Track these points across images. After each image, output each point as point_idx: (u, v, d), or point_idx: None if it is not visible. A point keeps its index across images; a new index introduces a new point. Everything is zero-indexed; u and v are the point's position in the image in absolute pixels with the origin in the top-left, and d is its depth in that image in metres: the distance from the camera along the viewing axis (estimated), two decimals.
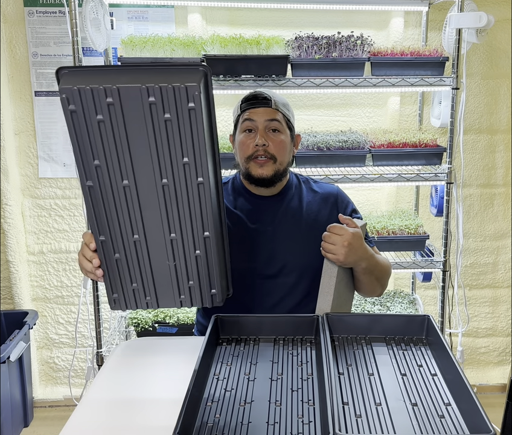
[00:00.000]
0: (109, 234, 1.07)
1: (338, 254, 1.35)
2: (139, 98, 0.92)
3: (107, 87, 0.91)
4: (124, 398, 1.10)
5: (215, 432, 0.90)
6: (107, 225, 1.06)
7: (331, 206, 1.56)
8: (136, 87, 0.91)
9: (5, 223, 2.53)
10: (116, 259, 1.09)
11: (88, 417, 1.04)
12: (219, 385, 1.05)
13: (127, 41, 2.09)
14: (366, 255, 1.41)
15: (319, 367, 1.08)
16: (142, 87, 0.91)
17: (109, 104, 0.93)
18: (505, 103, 2.62)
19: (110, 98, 0.92)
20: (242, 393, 1.02)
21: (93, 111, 0.94)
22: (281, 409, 0.97)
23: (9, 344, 2.23)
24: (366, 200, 2.69)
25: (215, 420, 0.94)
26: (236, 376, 1.09)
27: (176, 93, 0.91)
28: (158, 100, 0.92)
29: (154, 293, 1.14)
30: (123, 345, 1.38)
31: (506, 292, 2.82)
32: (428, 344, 1.20)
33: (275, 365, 1.13)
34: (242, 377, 1.08)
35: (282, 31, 2.47)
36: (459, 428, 0.91)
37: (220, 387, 1.04)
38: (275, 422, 0.93)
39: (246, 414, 0.95)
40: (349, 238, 1.34)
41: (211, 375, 1.09)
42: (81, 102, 0.93)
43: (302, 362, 1.14)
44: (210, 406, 0.98)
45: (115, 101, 0.93)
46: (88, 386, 2.22)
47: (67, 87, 0.93)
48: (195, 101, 0.92)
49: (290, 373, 1.10)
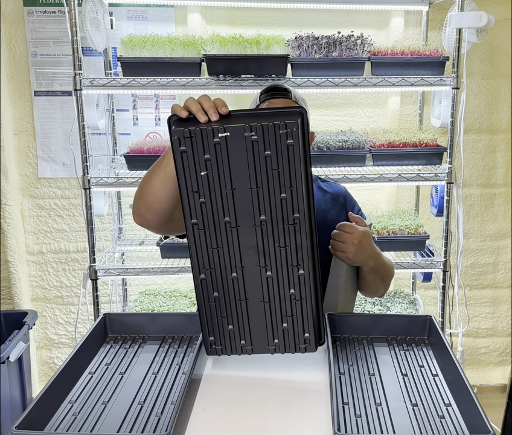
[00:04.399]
0: (209, 273, 1.10)
1: (348, 251, 1.35)
2: (243, 137, 0.99)
3: (214, 128, 0.99)
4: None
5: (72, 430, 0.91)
6: (208, 263, 1.09)
7: (340, 206, 1.56)
8: (240, 127, 0.99)
9: (4, 223, 2.53)
10: (215, 298, 1.11)
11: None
12: (90, 383, 1.06)
13: (126, 41, 2.09)
14: (374, 254, 1.41)
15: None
16: (246, 126, 0.98)
17: (216, 144, 1.00)
18: (505, 102, 2.61)
19: (217, 138, 0.99)
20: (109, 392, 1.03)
21: (201, 151, 1.01)
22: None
23: (8, 344, 2.23)
24: (366, 200, 2.69)
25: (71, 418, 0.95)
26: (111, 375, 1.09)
27: (276, 130, 0.98)
28: (260, 138, 0.99)
29: (249, 337, 1.14)
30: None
31: (507, 292, 2.82)
32: (431, 344, 1.19)
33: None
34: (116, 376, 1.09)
35: (282, 30, 2.47)
36: (458, 429, 0.91)
37: (90, 386, 1.05)
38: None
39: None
40: (359, 237, 1.35)
41: (86, 373, 1.10)
42: (191, 143, 1.00)
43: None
44: (72, 404, 0.99)
45: (221, 141, 1.00)
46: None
47: (179, 130, 1.00)
48: (293, 137, 0.99)
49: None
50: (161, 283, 2.71)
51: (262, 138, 0.99)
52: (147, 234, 2.59)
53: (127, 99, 2.54)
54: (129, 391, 1.03)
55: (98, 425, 0.92)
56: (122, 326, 1.25)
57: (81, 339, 1.13)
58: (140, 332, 1.25)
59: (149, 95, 2.54)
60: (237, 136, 0.99)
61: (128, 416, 0.95)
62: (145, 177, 1.25)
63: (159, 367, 1.12)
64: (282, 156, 1.00)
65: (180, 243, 2.24)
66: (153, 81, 2.06)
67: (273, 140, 0.99)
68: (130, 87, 2.08)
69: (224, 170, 1.02)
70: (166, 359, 1.15)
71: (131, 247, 2.52)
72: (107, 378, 1.08)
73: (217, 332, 1.13)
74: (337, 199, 1.57)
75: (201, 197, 1.04)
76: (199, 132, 0.99)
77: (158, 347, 1.20)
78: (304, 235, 1.06)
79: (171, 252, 2.27)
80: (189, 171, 1.03)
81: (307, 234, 1.06)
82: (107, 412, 0.96)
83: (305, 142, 1.03)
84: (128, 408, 0.97)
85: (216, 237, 1.07)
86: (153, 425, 0.92)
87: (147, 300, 2.51)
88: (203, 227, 1.07)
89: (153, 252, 2.45)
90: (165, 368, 1.11)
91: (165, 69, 2.07)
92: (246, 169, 1.02)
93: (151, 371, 1.10)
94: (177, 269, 2.24)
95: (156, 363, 1.13)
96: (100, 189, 2.21)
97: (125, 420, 0.93)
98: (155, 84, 2.06)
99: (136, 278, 2.68)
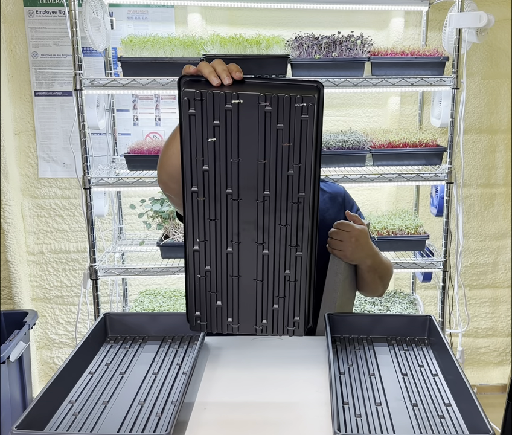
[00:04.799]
0: (204, 244, 1.06)
1: (345, 250, 1.35)
2: (256, 106, 0.95)
3: (228, 93, 0.95)
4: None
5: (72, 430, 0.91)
6: (204, 234, 1.05)
7: (338, 206, 1.56)
8: (255, 95, 0.95)
9: (4, 223, 2.53)
10: (206, 271, 1.07)
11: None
12: (90, 383, 1.06)
13: (126, 41, 2.09)
14: (372, 253, 1.41)
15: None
16: (260, 95, 0.94)
17: (227, 110, 0.96)
18: (505, 102, 2.61)
19: (229, 104, 0.95)
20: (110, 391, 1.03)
21: (211, 116, 0.97)
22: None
23: (9, 344, 2.23)
24: (366, 200, 2.69)
25: (71, 418, 0.95)
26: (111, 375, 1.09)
27: (291, 103, 0.95)
28: (274, 109, 0.95)
29: (237, 315, 1.10)
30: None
31: (507, 292, 2.82)
32: (430, 344, 1.19)
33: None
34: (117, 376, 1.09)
35: (282, 31, 2.47)
36: (458, 428, 0.91)
37: (90, 386, 1.05)
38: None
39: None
40: (356, 235, 1.35)
41: (86, 373, 1.10)
42: (201, 106, 0.96)
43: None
44: (72, 404, 0.99)
45: (233, 108, 0.96)
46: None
47: (189, 91, 0.95)
48: (308, 112, 0.95)
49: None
50: (161, 283, 2.71)
51: (276, 109, 0.95)
52: (147, 234, 2.60)
53: (127, 99, 2.54)
54: (129, 391, 1.03)
55: (98, 425, 0.93)
56: (122, 326, 1.25)
57: (81, 339, 1.13)
58: (141, 332, 1.25)
59: (149, 95, 2.54)
60: (250, 105, 0.95)
61: (128, 416, 0.95)
62: (164, 146, 1.23)
63: (159, 367, 1.12)
64: (295, 131, 0.97)
65: (181, 243, 2.24)
66: (153, 81, 2.06)
67: (287, 113, 0.95)
68: (130, 87, 2.08)
69: (232, 138, 0.98)
70: (166, 359, 1.15)
71: (131, 247, 2.52)
72: (107, 378, 1.08)
73: (204, 307, 1.09)
74: (335, 198, 1.57)
75: (205, 164, 1.00)
76: (211, 96, 0.95)
77: (158, 347, 1.20)
78: (307, 216, 1.02)
79: (171, 252, 2.27)
80: (195, 136, 0.98)
81: (309, 214, 1.03)
82: (107, 412, 0.96)
83: (318, 119, 0.99)
84: (128, 408, 0.97)
85: (215, 208, 1.03)
86: (153, 425, 0.92)
87: (147, 300, 2.52)
88: (203, 196, 1.02)
89: (153, 252, 2.45)
90: (165, 368, 1.11)
91: (165, 69, 2.07)
92: (255, 140, 0.98)
93: (151, 371, 1.10)
94: (177, 269, 2.24)
95: (156, 363, 1.13)
96: (100, 189, 2.21)
97: (125, 420, 0.94)
98: (155, 84, 2.07)
99: (136, 278, 2.68)
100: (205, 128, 0.98)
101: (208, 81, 0.99)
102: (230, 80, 0.98)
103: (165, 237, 2.28)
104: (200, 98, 0.95)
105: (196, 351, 1.10)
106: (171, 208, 2.27)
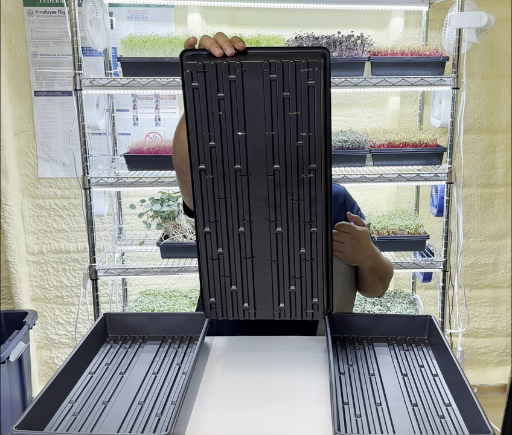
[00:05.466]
0: (215, 225, 1.02)
1: (346, 251, 1.34)
2: (261, 74, 0.92)
3: (231, 63, 0.92)
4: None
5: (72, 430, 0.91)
6: (214, 215, 1.01)
7: (339, 207, 1.56)
8: (259, 63, 0.91)
9: (4, 223, 2.53)
10: (219, 254, 1.04)
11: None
12: (90, 383, 1.06)
13: (126, 41, 2.09)
14: (373, 254, 1.41)
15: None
16: (264, 63, 0.91)
17: (231, 81, 0.93)
18: (505, 102, 2.61)
19: (233, 74, 0.92)
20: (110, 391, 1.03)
21: (215, 88, 0.94)
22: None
23: (8, 344, 2.23)
24: (366, 200, 2.69)
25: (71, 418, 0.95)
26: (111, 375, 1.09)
27: (297, 69, 0.91)
28: (279, 77, 0.92)
29: (253, 299, 1.06)
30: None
31: (507, 292, 2.82)
32: (431, 344, 1.19)
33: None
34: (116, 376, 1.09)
35: (282, 30, 2.47)
36: (458, 429, 0.91)
37: (90, 386, 1.05)
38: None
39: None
40: (358, 236, 1.34)
41: (86, 373, 1.09)
42: (204, 79, 0.93)
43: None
44: (72, 404, 0.99)
45: (237, 78, 0.92)
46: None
47: (192, 63, 0.93)
48: (315, 78, 0.92)
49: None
50: (161, 283, 2.71)
51: (282, 77, 0.92)
52: (147, 234, 2.60)
53: (127, 99, 2.54)
54: (129, 391, 1.03)
55: (98, 425, 0.92)
56: (122, 326, 1.25)
57: (81, 339, 1.13)
58: (140, 332, 1.25)
59: (149, 95, 2.54)
60: (254, 74, 0.92)
61: (128, 416, 0.95)
62: (176, 131, 1.20)
63: (159, 367, 1.12)
64: (302, 98, 0.93)
65: (180, 243, 2.24)
66: (153, 81, 2.06)
67: (293, 80, 0.92)
68: (130, 87, 2.08)
69: (238, 110, 0.95)
70: (166, 359, 1.15)
71: (131, 247, 2.52)
72: (107, 378, 1.08)
73: (219, 293, 1.06)
74: (336, 199, 1.57)
75: (212, 140, 0.97)
76: (213, 67, 0.92)
77: (158, 347, 1.20)
78: (320, 189, 0.98)
79: (171, 252, 2.27)
80: (200, 110, 0.95)
81: (322, 187, 0.99)
82: (107, 412, 0.96)
83: (326, 85, 0.95)
84: (128, 408, 0.97)
85: (224, 185, 0.99)
86: (153, 425, 0.92)
87: (147, 300, 2.52)
88: (211, 174, 0.99)
89: (153, 252, 2.45)
90: (165, 368, 1.11)
91: (165, 69, 2.07)
92: (261, 111, 0.95)
93: (151, 371, 1.10)
94: (177, 269, 2.24)
95: (156, 363, 1.13)
96: (100, 189, 2.21)
97: (125, 420, 0.94)
98: (155, 84, 2.06)
99: (136, 278, 2.68)
100: (209, 101, 0.95)
101: (210, 53, 0.97)
102: (232, 50, 0.95)
103: (165, 237, 2.28)
104: (202, 70, 0.93)
105: (196, 351, 1.10)
106: (171, 208, 2.27)
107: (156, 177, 2.13)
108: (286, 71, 0.92)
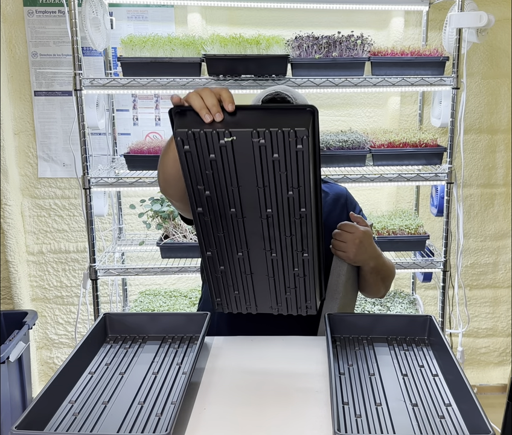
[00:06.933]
0: (215, 250, 1.12)
1: (348, 251, 1.34)
2: (250, 141, 0.96)
3: (220, 132, 0.96)
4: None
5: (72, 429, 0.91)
6: (214, 243, 1.11)
7: (341, 208, 1.56)
8: (247, 132, 0.95)
9: (4, 223, 2.53)
10: (221, 271, 1.15)
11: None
12: (90, 383, 1.06)
13: (126, 41, 2.09)
14: (375, 254, 1.41)
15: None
16: (253, 132, 0.95)
17: (221, 146, 0.97)
18: (505, 102, 2.61)
19: (223, 140, 0.97)
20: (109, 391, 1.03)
21: (206, 151, 0.99)
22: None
23: (8, 344, 2.23)
24: (366, 200, 2.69)
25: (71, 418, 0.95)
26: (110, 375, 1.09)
27: (285, 136, 0.95)
28: (268, 142, 0.96)
29: (253, 301, 1.19)
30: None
31: (507, 292, 2.82)
32: (431, 344, 1.19)
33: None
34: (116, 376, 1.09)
35: (282, 30, 2.47)
36: (458, 429, 0.91)
37: (90, 386, 1.05)
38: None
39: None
40: (360, 236, 1.34)
41: (86, 373, 1.09)
42: (195, 144, 0.98)
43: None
44: (72, 404, 0.99)
45: (227, 144, 0.97)
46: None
47: (182, 131, 0.97)
48: (303, 144, 0.96)
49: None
50: (161, 283, 2.71)
51: (270, 142, 0.96)
52: (147, 234, 2.60)
53: (127, 99, 2.54)
54: (129, 391, 1.03)
55: (98, 425, 0.92)
56: (122, 326, 1.25)
57: (81, 339, 1.13)
58: (140, 332, 1.25)
59: (149, 95, 2.54)
60: (244, 141, 0.97)
61: (128, 416, 0.95)
62: (161, 154, 1.23)
63: (159, 367, 1.12)
64: (291, 160, 0.98)
65: (180, 243, 2.24)
66: (153, 81, 2.06)
67: (281, 144, 0.96)
68: (130, 87, 2.08)
69: (230, 170, 1.00)
70: (166, 359, 1.15)
71: (131, 247, 2.52)
72: (107, 378, 1.08)
73: (223, 295, 1.19)
74: (338, 200, 1.57)
75: (207, 191, 1.04)
76: (204, 135, 0.97)
77: (158, 347, 1.20)
78: (310, 227, 1.06)
79: (171, 252, 2.27)
80: (193, 169, 1.01)
81: (313, 226, 1.06)
82: (107, 412, 0.96)
83: (315, 144, 1.01)
84: (128, 408, 0.97)
85: (222, 224, 1.08)
86: (153, 425, 0.92)
87: (147, 300, 2.51)
88: (209, 216, 1.07)
89: (153, 252, 2.45)
90: (165, 368, 1.11)
91: (165, 69, 2.07)
92: (252, 171, 1.00)
93: (151, 371, 1.10)
94: (177, 269, 2.24)
95: (156, 363, 1.13)
96: (100, 189, 2.21)
97: (125, 420, 0.93)
98: (155, 84, 2.07)
99: (136, 278, 2.68)
100: (202, 162, 1.00)
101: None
102: (221, 116, 0.98)
103: (165, 237, 2.28)
104: (193, 137, 0.97)
105: (196, 351, 1.10)
106: (171, 208, 2.27)
107: (156, 177, 2.12)
108: (274, 138, 0.95)
